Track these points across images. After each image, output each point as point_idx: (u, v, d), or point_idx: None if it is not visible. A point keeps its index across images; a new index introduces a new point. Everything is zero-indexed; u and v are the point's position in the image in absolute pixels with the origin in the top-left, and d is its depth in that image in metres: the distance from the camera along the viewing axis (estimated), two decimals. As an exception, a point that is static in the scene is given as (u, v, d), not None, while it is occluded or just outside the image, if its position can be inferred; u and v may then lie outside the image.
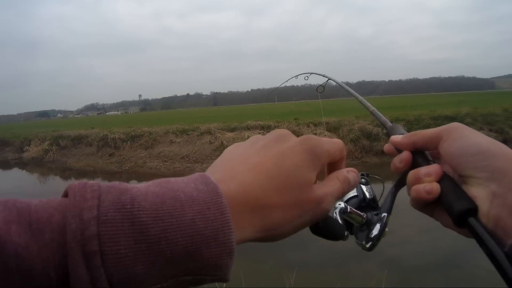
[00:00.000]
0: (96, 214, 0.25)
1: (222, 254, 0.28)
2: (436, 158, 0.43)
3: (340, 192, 0.37)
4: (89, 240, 0.24)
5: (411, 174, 0.41)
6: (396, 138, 0.47)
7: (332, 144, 0.39)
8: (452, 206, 0.37)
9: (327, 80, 1.00)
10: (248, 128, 13.86)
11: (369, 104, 0.68)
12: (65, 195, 0.29)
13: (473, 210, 0.35)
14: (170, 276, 0.27)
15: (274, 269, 4.38)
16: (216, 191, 0.30)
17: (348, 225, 0.47)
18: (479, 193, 0.36)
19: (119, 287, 0.25)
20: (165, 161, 12.99)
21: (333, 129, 12.60)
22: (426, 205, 0.41)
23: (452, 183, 0.39)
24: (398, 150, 0.47)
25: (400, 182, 0.45)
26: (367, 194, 0.54)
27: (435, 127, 0.43)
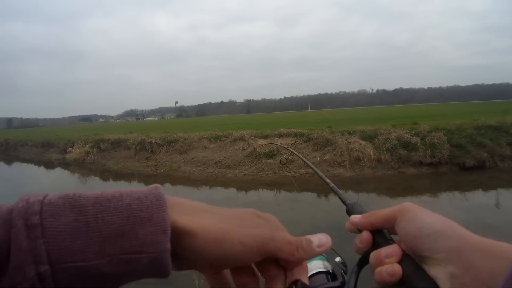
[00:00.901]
0: (41, 199, 0.30)
1: (156, 232, 0.32)
2: (395, 234, 0.44)
3: (288, 240, 0.39)
4: (31, 215, 0.28)
5: (373, 256, 0.42)
6: (355, 218, 0.48)
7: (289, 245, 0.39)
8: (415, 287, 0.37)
9: (290, 153, 1.17)
10: (281, 135, 13.83)
11: (329, 181, 0.71)
12: None
13: None
14: (107, 254, 0.30)
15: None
16: (156, 187, 0.37)
17: None
18: (438, 273, 0.36)
19: (58, 260, 0.28)
20: (198, 166, 13.24)
21: (369, 138, 12.23)
22: (391, 287, 0.41)
23: (412, 264, 0.39)
24: (359, 230, 0.48)
25: (362, 262, 0.46)
26: (335, 273, 0.54)
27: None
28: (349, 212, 0.53)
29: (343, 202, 0.58)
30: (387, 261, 0.40)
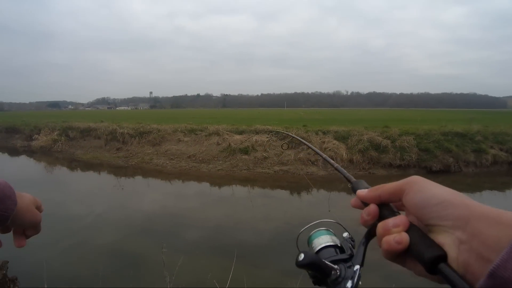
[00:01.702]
0: None
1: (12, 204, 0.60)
2: (400, 209, 0.47)
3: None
4: None
5: (380, 226, 0.44)
6: (362, 192, 0.51)
7: None
8: (423, 254, 0.38)
9: (291, 138, 1.16)
10: (257, 132, 13.85)
11: (332, 161, 0.74)
12: None
13: (443, 256, 0.37)
14: None
15: (277, 275, 4.34)
16: (9, 185, 0.61)
17: (323, 276, 0.47)
18: (446, 240, 0.38)
19: None
20: (171, 159, 13.02)
21: (342, 138, 12.51)
22: (398, 256, 0.42)
23: (419, 232, 0.41)
24: (365, 203, 0.50)
25: (370, 234, 0.48)
26: (343, 247, 0.55)
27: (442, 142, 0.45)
28: (355, 189, 0.55)
29: (348, 180, 0.61)
30: (395, 230, 0.42)
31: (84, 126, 17.58)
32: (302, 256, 0.45)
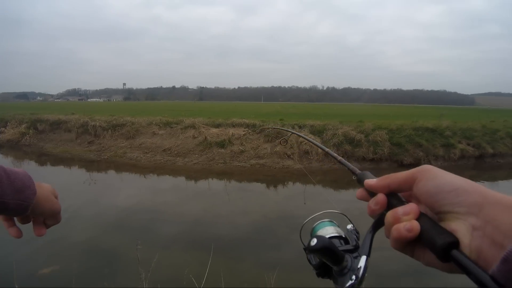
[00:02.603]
0: None
1: (32, 193, 0.61)
2: (408, 200, 0.46)
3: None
4: None
5: (390, 214, 0.43)
6: (370, 181, 0.50)
7: None
8: (435, 241, 0.38)
9: (291, 134, 1.19)
10: (233, 125, 13.80)
11: (335, 155, 0.74)
12: None
13: (455, 243, 0.37)
14: (14, 198, 0.58)
15: (254, 269, 4.37)
16: (28, 174, 0.63)
17: (326, 268, 0.47)
18: (459, 227, 0.38)
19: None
20: (146, 152, 12.76)
21: (317, 132, 12.72)
22: (407, 245, 0.42)
23: (430, 220, 0.40)
24: (371, 194, 0.50)
25: (377, 224, 0.47)
26: (348, 238, 0.55)
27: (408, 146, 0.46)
28: (360, 180, 0.54)
29: (353, 172, 0.61)
30: (405, 218, 0.41)
31: (54, 119, 16.86)
32: (315, 240, 0.44)
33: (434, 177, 0.42)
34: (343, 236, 0.55)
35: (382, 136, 12.04)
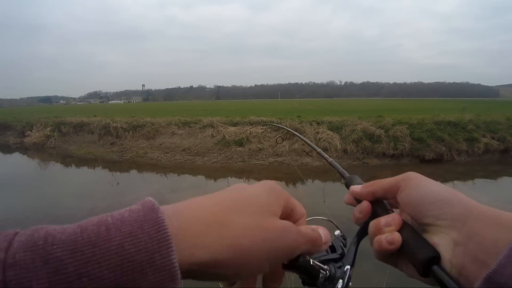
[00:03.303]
0: (3, 257, 0.22)
1: (163, 280, 0.25)
2: (395, 207, 0.45)
3: (310, 237, 0.37)
4: None
5: (372, 224, 0.42)
6: (355, 188, 0.48)
7: (290, 196, 0.41)
8: (415, 255, 0.37)
9: (286, 131, 1.14)
10: (251, 123, 13.85)
11: (327, 156, 0.71)
12: None
13: (437, 258, 0.35)
14: None
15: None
16: (152, 207, 0.28)
17: (311, 278, 0.45)
18: (440, 240, 0.36)
19: None
20: (166, 152, 12.99)
21: (336, 129, 12.57)
22: (390, 256, 0.41)
23: (412, 232, 0.39)
24: (358, 200, 0.48)
25: (362, 232, 0.46)
26: (335, 245, 0.53)
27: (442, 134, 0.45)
28: (348, 185, 0.53)
29: (342, 175, 0.59)
30: (387, 230, 0.40)
31: (77, 121, 17.40)
32: None
33: (418, 187, 0.40)
34: (330, 244, 0.53)
35: (402, 131, 11.80)
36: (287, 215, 0.39)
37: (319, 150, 0.77)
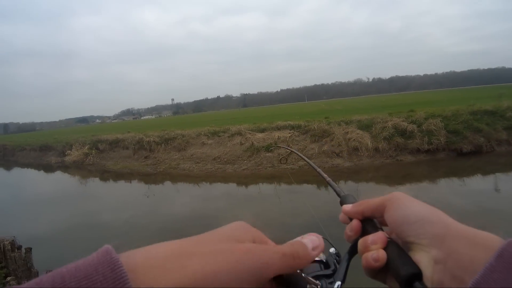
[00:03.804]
0: None
1: None
2: (385, 225, 0.46)
3: (285, 252, 0.36)
4: None
5: (360, 242, 0.44)
6: (346, 207, 0.50)
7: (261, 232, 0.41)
8: (398, 271, 0.39)
9: (290, 152, 1.19)
10: (278, 128, 13.87)
11: (325, 175, 0.73)
12: None
13: (418, 274, 0.37)
14: None
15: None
16: (106, 251, 0.27)
17: None
18: (422, 258, 0.38)
19: None
20: (197, 162, 13.28)
21: (365, 127, 12.29)
22: (378, 273, 0.42)
23: (397, 249, 0.41)
24: (350, 218, 0.50)
25: (353, 250, 0.47)
26: (328, 262, 0.54)
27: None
28: (342, 203, 0.54)
29: (338, 194, 0.60)
30: (373, 247, 0.42)
31: (112, 138, 18.23)
32: None
33: (400, 207, 0.42)
34: (324, 260, 0.55)
35: (436, 125, 11.33)
36: None
37: (318, 169, 0.80)
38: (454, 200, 6.87)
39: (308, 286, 0.42)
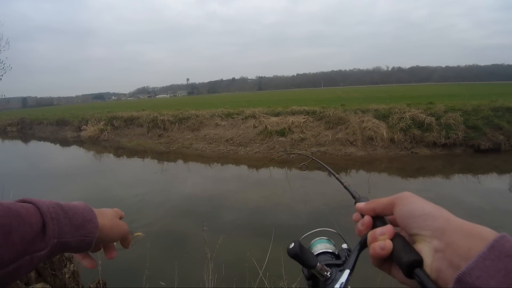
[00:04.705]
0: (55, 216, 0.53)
1: (94, 229, 0.58)
2: (395, 225, 0.50)
3: (129, 238, 0.71)
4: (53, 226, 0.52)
5: (369, 234, 0.50)
6: (360, 204, 0.56)
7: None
8: (401, 258, 0.43)
9: (310, 160, 1.27)
10: (293, 113, 13.74)
11: (343, 180, 0.80)
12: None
13: (419, 261, 0.42)
14: (75, 235, 0.55)
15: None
16: (86, 205, 0.61)
17: (315, 280, 0.54)
18: (424, 248, 0.43)
19: (59, 237, 0.52)
20: (210, 143, 13.35)
21: (382, 117, 12.05)
22: (384, 262, 0.48)
23: (402, 240, 0.46)
24: (362, 216, 0.55)
25: (363, 243, 0.52)
26: (340, 255, 0.63)
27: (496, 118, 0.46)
28: (356, 203, 0.59)
29: (353, 196, 0.65)
30: (380, 238, 0.47)
31: (127, 115, 18.46)
32: (292, 244, 0.51)
33: (408, 203, 0.47)
34: (336, 253, 0.63)
35: (455, 119, 11.01)
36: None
37: (337, 175, 0.86)
38: (467, 198, 6.72)
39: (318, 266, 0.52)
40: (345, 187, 0.76)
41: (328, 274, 0.52)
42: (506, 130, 10.71)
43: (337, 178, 0.84)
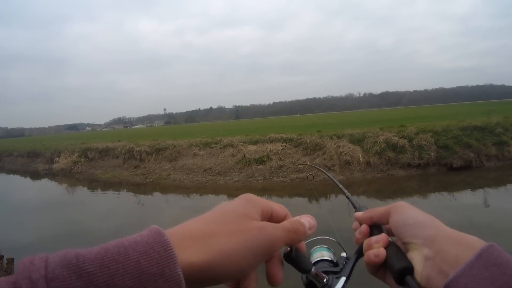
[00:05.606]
0: (44, 273, 0.27)
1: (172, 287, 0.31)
2: (391, 235, 0.52)
3: (289, 229, 0.43)
4: None
5: (365, 242, 0.51)
6: (358, 213, 0.58)
7: (267, 201, 0.46)
8: (393, 266, 0.44)
9: (317, 171, 1.25)
10: (271, 141, 13.83)
11: (345, 190, 0.84)
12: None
13: (410, 269, 0.43)
14: None
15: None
16: (158, 232, 0.34)
17: (313, 286, 0.55)
18: (415, 256, 0.44)
19: None
20: (188, 173, 13.14)
21: (357, 141, 12.35)
22: (378, 270, 0.49)
23: (396, 248, 0.47)
24: (360, 225, 0.57)
25: (360, 251, 0.53)
26: (338, 262, 0.64)
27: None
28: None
29: (354, 206, 0.69)
30: (375, 246, 0.49)
31: (102, 146, 17.98)
32: (288, 248, 0.49)
33: (402, 213, 0.49)
34: (334, 261, 0.64)
35: (427, 140, 11.44)
36: (268, 218, 0.45)
37: (340, 186, 0.90)
38: (445, 215, 6.87)
39: (314, 271, 0.51)
40: (347, 197, 0.80)
41: (324, 280, 0.52)
42: (475, 147, 11.21)
43: (340, 188, 0.88)
